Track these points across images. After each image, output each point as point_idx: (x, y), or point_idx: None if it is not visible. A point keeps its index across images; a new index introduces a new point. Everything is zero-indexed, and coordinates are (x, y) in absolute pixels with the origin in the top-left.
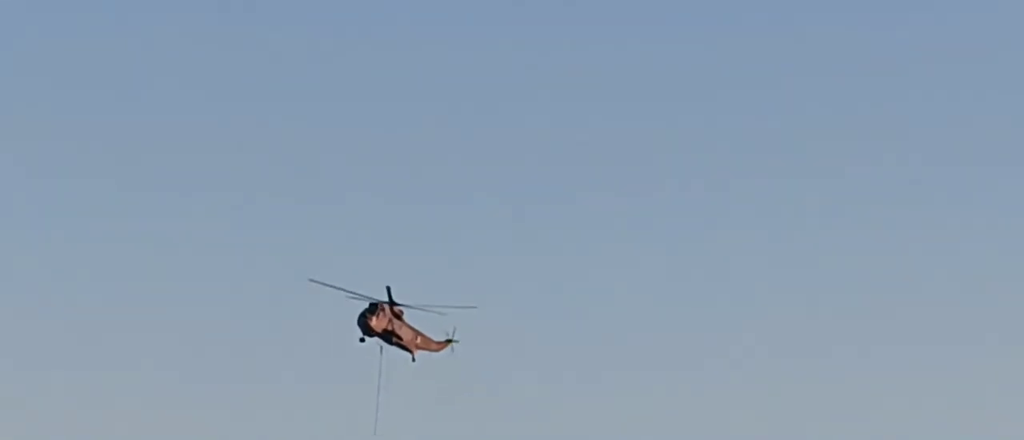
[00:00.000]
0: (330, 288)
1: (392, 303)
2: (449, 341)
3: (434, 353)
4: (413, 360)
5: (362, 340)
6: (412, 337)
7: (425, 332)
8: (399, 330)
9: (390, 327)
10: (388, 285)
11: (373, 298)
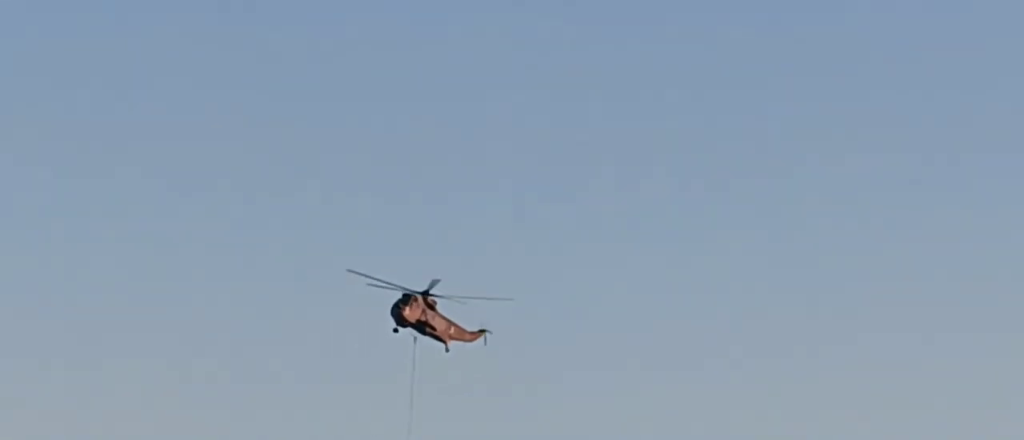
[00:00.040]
0: (365, 279)
1: (426, 293)
2: (482, 331)
3: (467, 343)
4: (447, 351)
5: (395, 330)
6: (446, 327)
7: (458, 322)
8: (432, 321)
9: (424, 317)
10: (436, 279)
11: (407, 288)
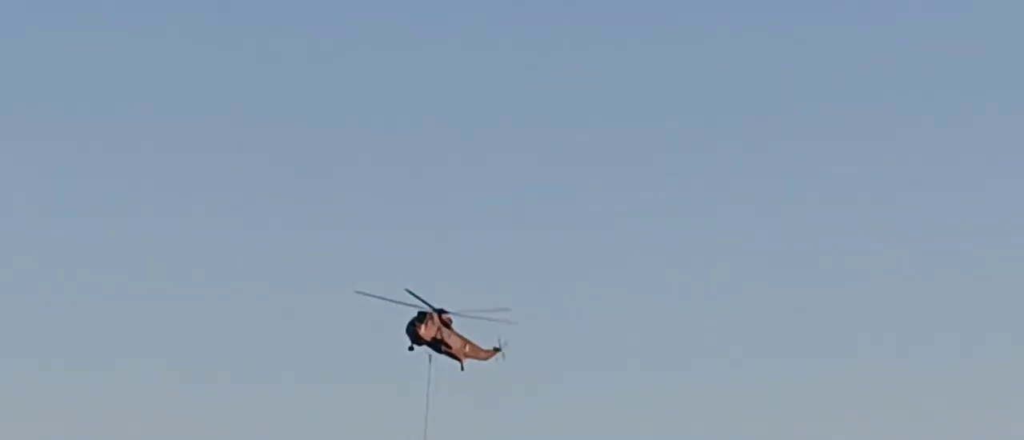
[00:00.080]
0: (376, 298)
1: (441, 311)
2: (497, 349)
3: (483, 361)
4: (462, 369)
5: (411, 349)
6: (461, 345)
7: (473, 340)
8: (448, 339)
9: (439, 336)
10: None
11: (422, 306)
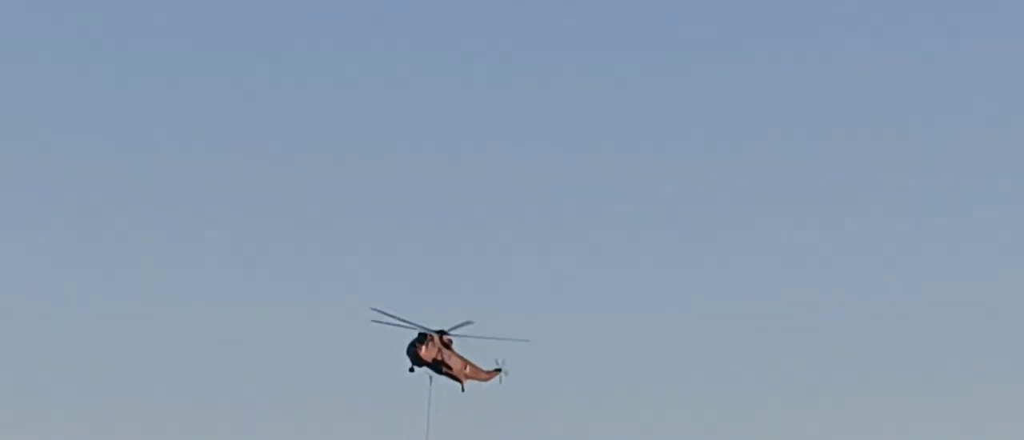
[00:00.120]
0: (386, 319)
1: (441, 332)
2: (498, 370)
3: (483, 382)
4: (463, 390)
5: (411, 370)
6: (462, 367)
7: (474, 361)
8: (449, 360)
9: (440, 357)
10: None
11: (423, 327)
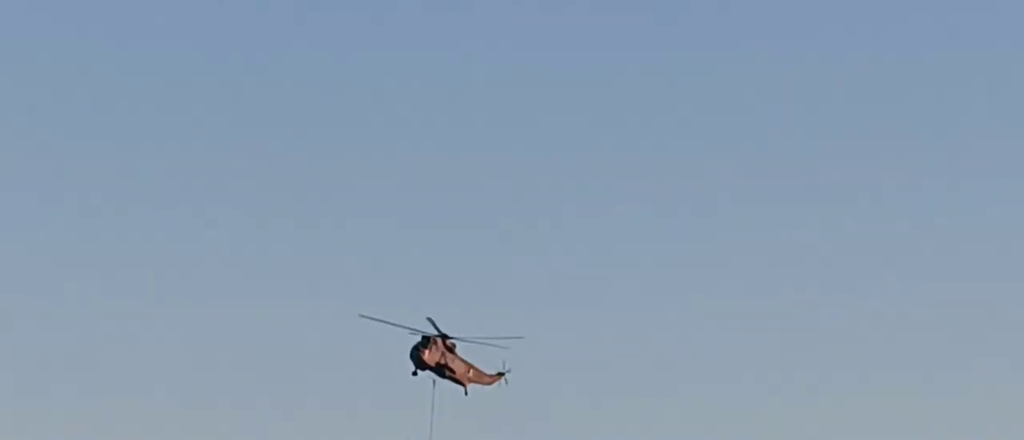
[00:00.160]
0: (379, 322)
1: (444, 336)
2: (501, 374)
3: (486, 386)
4: (466, 393)
5: (414, 374)
6: (465, 370)
7: (477, 365)
8: (452, 363)
9: (443, 360)
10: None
11: (425, 331)
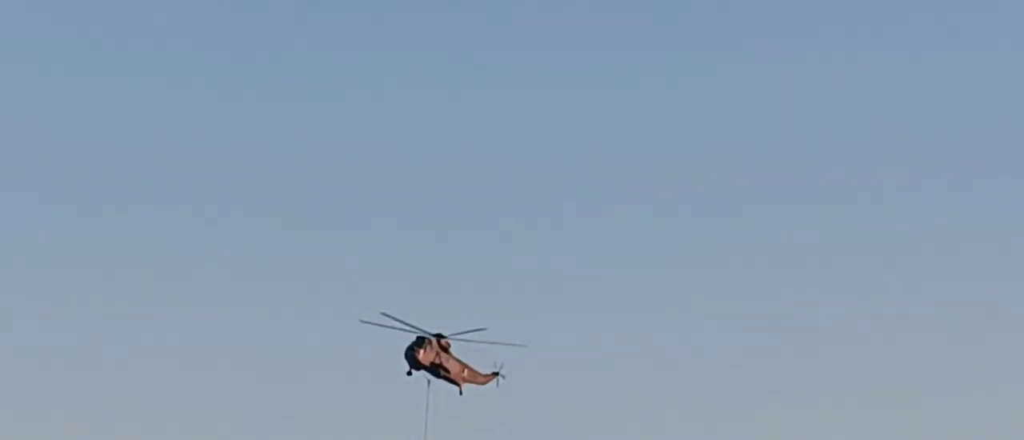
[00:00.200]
0: (378, 325)
1: (439, 336)
2: (495, 374)
3: (481, 386)
4: (461, 393)
5: (409, 373)
6: (459, 370)
7: (471, 364)
8: (446, 363)
9: (437, 360)
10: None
11: (421, 331)
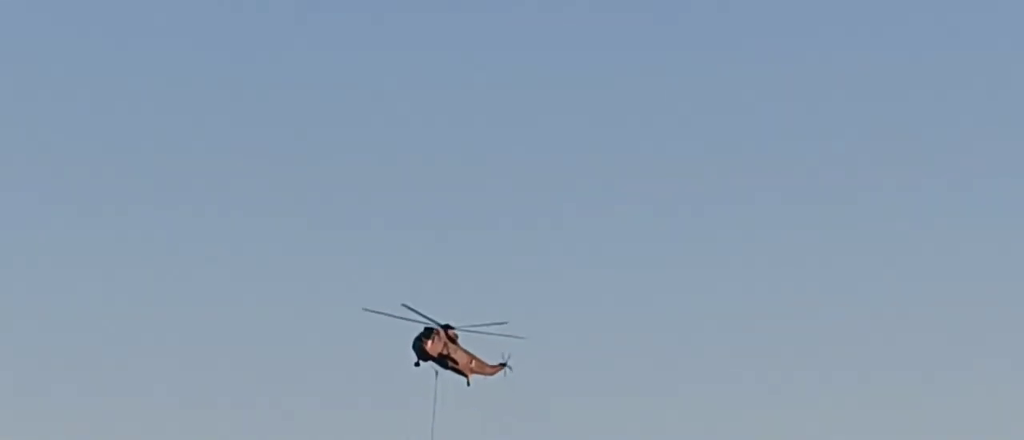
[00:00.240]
0: (384, 315)
1: (447, 326)
2: (503, 364)
3: (489, 377)
4: (468, 384)
5: (417, 364)
6: (467, 361)
7: (479, 355)
8: (454, 354)
9: (445, 351)
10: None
11: (429, 321)
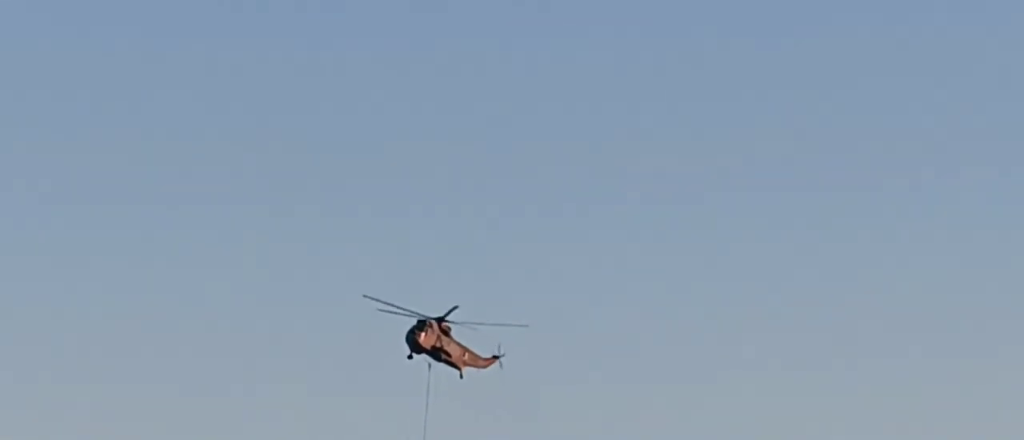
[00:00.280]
0: (380, 305)
1: (441, 319)
2: (496, 357)
3: (482, 369)
4: (461, 377)
5: (410, 357)
6: (460, 354)
7: (472, 348)
8: (447, 347)
9: (438, 344)
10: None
11: (421, 314)
